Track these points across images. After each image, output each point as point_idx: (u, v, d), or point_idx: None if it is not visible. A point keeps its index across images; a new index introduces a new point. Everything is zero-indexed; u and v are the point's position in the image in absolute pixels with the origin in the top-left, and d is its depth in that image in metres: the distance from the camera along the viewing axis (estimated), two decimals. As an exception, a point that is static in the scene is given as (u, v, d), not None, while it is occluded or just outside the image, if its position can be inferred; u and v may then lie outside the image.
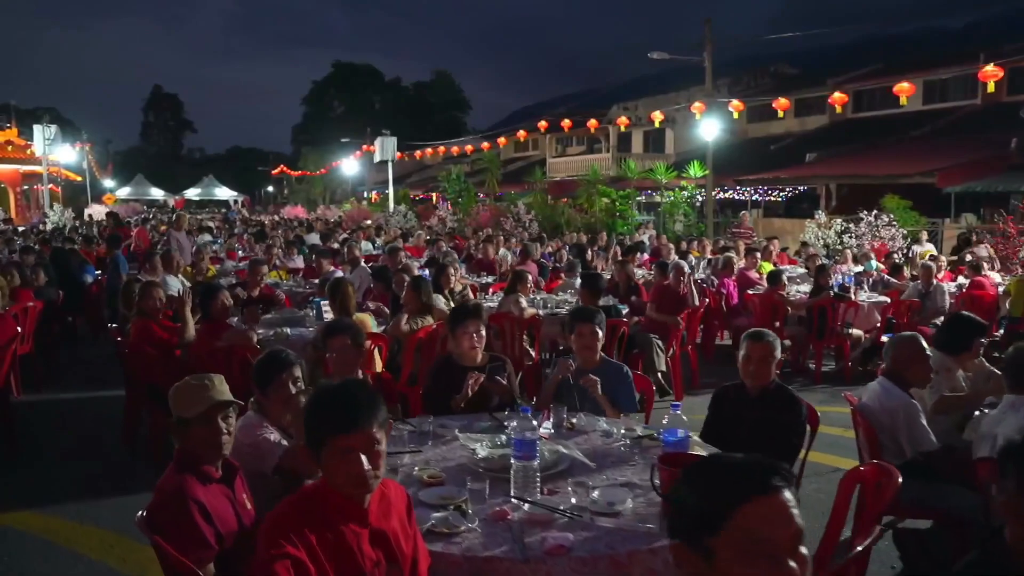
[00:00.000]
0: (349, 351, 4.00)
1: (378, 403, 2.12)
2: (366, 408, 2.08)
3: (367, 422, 2.06)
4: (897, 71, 29.29)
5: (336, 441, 2.03)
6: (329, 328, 4.13)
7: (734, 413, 3.84)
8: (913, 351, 3.97)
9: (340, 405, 2.07)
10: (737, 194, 26.44)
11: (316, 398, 2.16)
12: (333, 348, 3.98)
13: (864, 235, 14.04)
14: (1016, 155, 18.56)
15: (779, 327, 9.06)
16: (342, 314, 5.94)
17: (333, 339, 3.99)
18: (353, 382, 2.20)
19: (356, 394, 2.11)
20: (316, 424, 2.10)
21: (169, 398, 2.67)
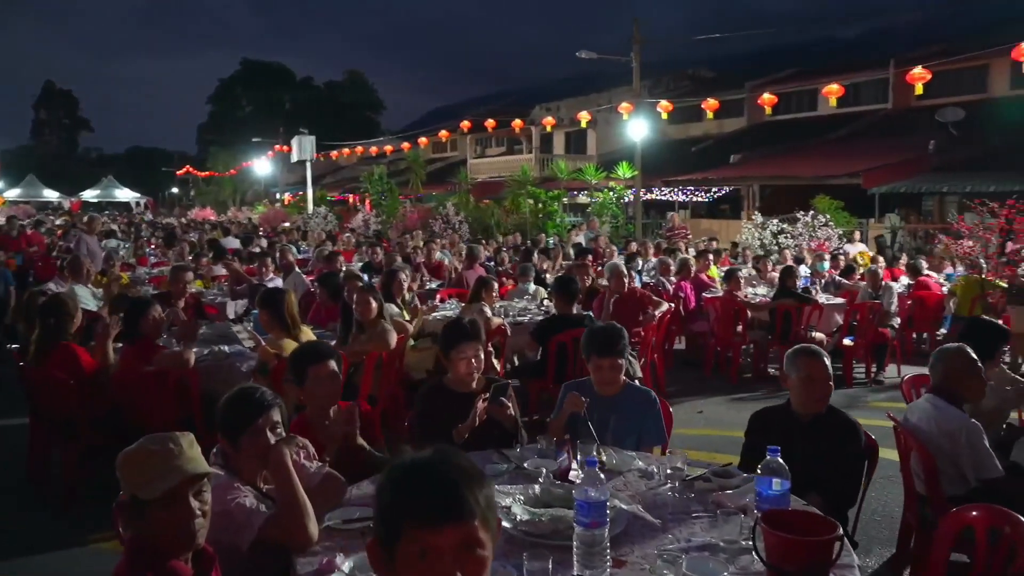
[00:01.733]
0: (335, 381, 3.32)
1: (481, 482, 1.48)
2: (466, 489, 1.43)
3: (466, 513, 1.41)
4: (812, 75, 30.06)
5: (419, 534, 1.39)
6: (310, 353, 3.40)
7: (781, 442, 3.30)
8: (966, 364, 3.56)
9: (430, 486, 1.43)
10: (662, 195, 26.46)
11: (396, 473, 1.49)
12: (317, 378, 3.28)
13: (801, 235, 14.01)
14: (935, 157, 19.07)
15: (742, 331, 8.75)
16: (284, 328, 5.18)
17: (317, 366, 3.29)
18: (448, 452, 1.52)
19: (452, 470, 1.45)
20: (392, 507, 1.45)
21: (118, 469, 1.94)
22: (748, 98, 30.31)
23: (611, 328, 3.72)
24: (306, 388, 3.30)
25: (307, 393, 3.31)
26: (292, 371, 3.38)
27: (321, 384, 3.28)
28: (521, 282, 8.92)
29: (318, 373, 3.28)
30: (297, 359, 3.40)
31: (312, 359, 3.33)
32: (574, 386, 3.77)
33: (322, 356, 3.34)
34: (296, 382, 3.33)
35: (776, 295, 8.61)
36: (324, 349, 3.45)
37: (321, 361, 3.31)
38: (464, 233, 18.15)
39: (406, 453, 1.48)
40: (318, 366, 3.29)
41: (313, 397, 3.30)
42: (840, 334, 8.72)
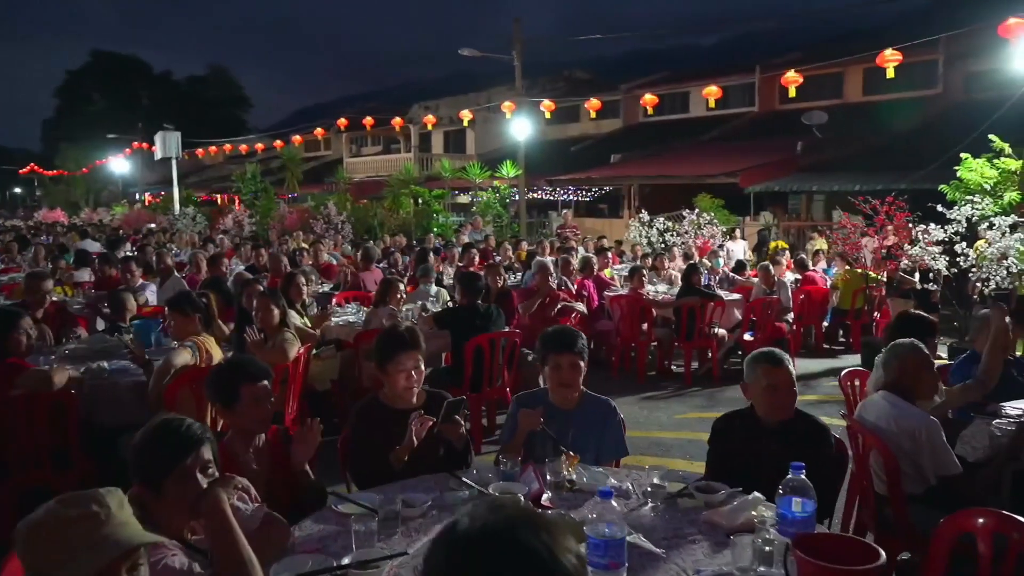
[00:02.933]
0: (269, 400, 2.86)
1: None
2: None
3: None
4: (683, 79, 31.11)
5: None
6: (244, 370, 2.91)
7: (747, 448, 3.13)
8: (922, 360, 3.49)
9: None
10: (545, 194, 26.56)
11: None
12: (252, 399, 2.80)
13: (688, 233, 14.28)
14: (802, 157, 20.02)
15: (647, 330, 8.70)
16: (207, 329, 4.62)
17: (253, 386, 2.81)
18: None
19: None
20: None
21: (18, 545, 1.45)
22: (624, 99, 31.06)
23: (567, 328, 3.45)
24: (236, 410, 2.82)
25: (237, 416, 2.84)
26: (218, 390, 2.89)
27: (257, 406, 2.82)
28: (422, 283, 8.51)
29: (254, 393, 2.82)
30: (226, 376, 2.91)
31: (246, 376, 2.85)
32: (524, 399, 3.45)
33: (258, 374, 2.87)
34: (222, 403, 2.85)
35: (681, 292, 8.61)
36: (259, 366, 2.98)
37: (257, 380, 2.85)
38: (348, 234, 17.44)
39: (464, 520, 1.11)
40: (254, 385, 2.83)
41: (244, 421, 2.84)
42: (741, 330, 8.83)
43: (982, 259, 8.46)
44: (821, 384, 8.54)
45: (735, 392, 8.21)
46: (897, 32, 28.66)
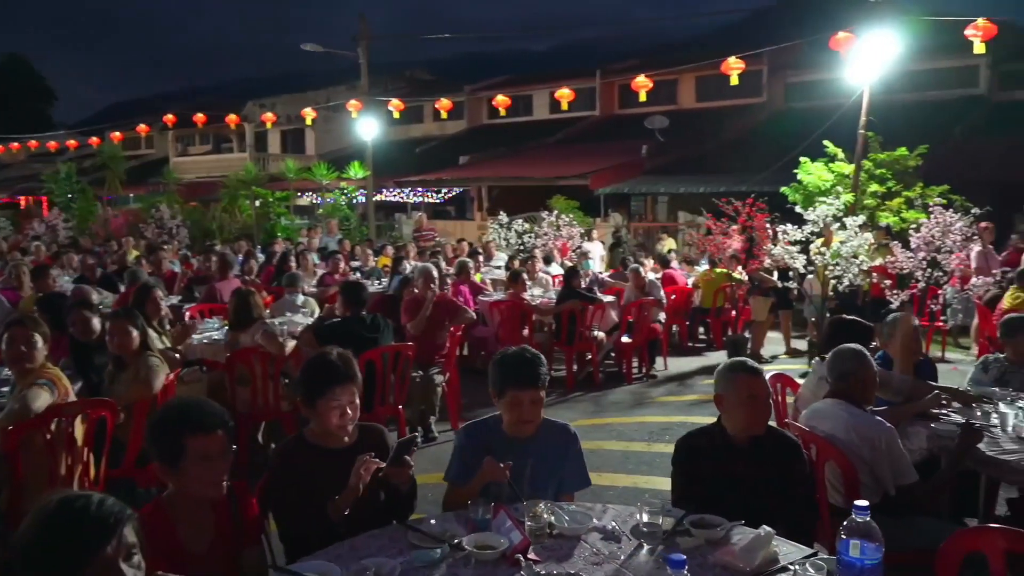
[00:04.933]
0: (227, 458, 2.29)
1: None
2: None
3: None
4: (525, 82, 31.45)
5: None
6: (190, 417, 2.30)
7: (719, 470, 2.91)
8: (869, 366, 3.42)
9: None
10: (391, 196, 25.89)
11: None
12: (202, 456, 2.22)
13: (548, 235, 14.25)
14: (647, 160, 20.69)
15: (528, 334, 8.47)
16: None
17: (205, 438, 2.23)
18: None
19: None
20: None
21: None
22: (468, 101, 30.95)
23: (527, 352, 3.03)
24: (182, 470, 2.23)
25: (182, 478, 2.24)
26: (161, 445, 2.27)
27: (206, 466, 2.24)
28: (288, 293, 7.83)
29: (206, 449, 2.24)
30: (168, 426, 2.29)
31: (193, 426, 2.26)
32: (475, 430, 3.04)
33: (208, 422, 2.28)
34: (163, 461, 2.25)
35: (561, 296, 8.45)
36: (210, 412, 2.35)
37: (209, 431, 2.26)
38: (184, 239, 16.07)
39: None
40: (206, 437, 2.25)
41: (190, 484, 2.25)
42: (619, 332, 8.80)
43: (835, 256, 8.90)
44: (696, 383, 8.66)
45: (618, 396, 8.26)
46: (722, 43, 30.49)
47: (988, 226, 10.33)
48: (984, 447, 3.34)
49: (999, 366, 4.65)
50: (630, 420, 7.13)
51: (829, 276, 8.93)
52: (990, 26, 10.32)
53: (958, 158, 15.63)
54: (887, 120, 11.59)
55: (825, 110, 16.61)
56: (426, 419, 6.41)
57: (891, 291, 8.74)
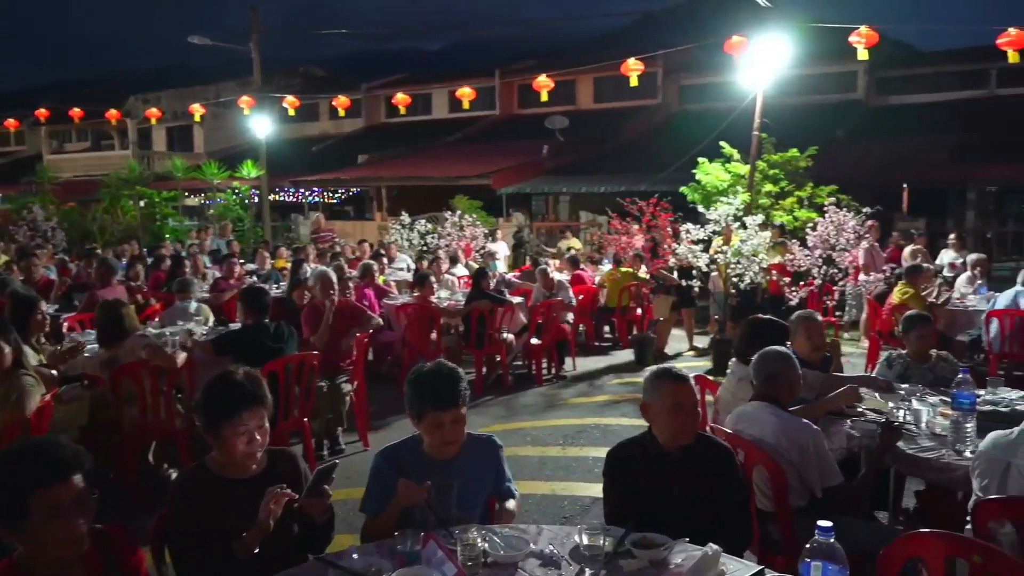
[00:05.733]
0: (84, 510, 1.96)
1: None
2: None
3: None
4: (423, 81, 31.11)
5: None
6: (33, 465, 1.94)
7: (653, 482, 2.80)
8: (793, 368, 3.40)
9: None
10: (286, 196, 25.04)
11: None
12: (52, 509, 1.88)
13: (451, 235, 14.04)
14: (549, 160, 20.78)
15: (436, 339, 8.26)
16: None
17: (54, 490, 1.89)
18: None
19: None
20: None
21: None
22: (365, 99, 30.31)
23: (443, 368, 2.81)
24: (29, 529, 1.89)
25: (31, 539, 1.91)
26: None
27: (62, 522, 1.91)
28: (180, 300, 7.33)
29: (56, 501, 1.91)
30: (5, 479, 1.93)
31: (38, 476, 1.92)
32: (393, 453, 2.81)
33: (60, 470, 1.94)
34: (6, 523, 1.90)
35: (470, 297, 8.27)
36: (62, 456, 1.98)
37: (59, 479, 1.93)
38: (60, 242, 14.97)
39: None
40: (55, 488, 1.91)
41: (43, 544, 1.92)
42: (528, 333, 8.70)
43: (736, 255, 9.10)
44: (606, 384, 8.66)
45: (529, 398, 8.15)
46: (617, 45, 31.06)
47: (874, 224, 10.81)
48: (903, 445, 3.37)
49: (902, 362, 4.78)
50: (543, 424, 7.03)
51: (731, 274, 9.13)
52: (872, 33, 10.78)
53: (841, 159, 16.37)
54: (777, 122, 11.98)
55: (719, 112, 17.10)
56: (333, 431, 6.11)
57: (789, 288, 9.01)
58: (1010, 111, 18.64)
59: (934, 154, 16.81)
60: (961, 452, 3.27)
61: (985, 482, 2.74)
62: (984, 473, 2.76)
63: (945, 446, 3.34)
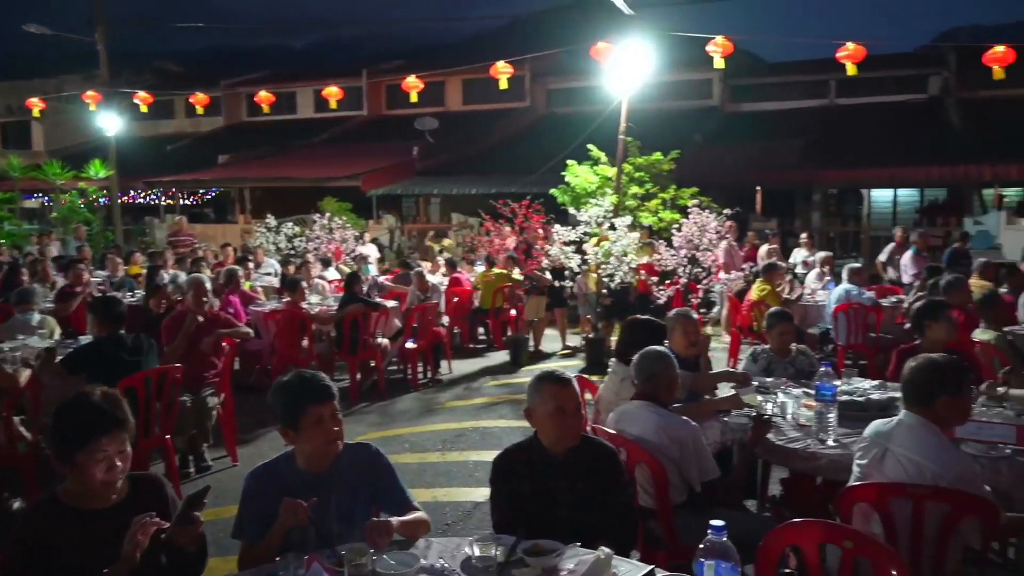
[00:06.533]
0: None
1: None
2: None
3: None
4: (286, 79, 30.11)
5: None
6: None
7: (539, 487, 2.79)
8: (673, 367, 3.49)
9: None
10: (139, 198, 23.60)
11: None
12: None
13: (320, 238, 13.65)
14: (419, 161, 20.60)
15: (308, 346, 7.98)
16: None
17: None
18: None
19: None
20: None
21: None
22: (225, 96, 29.02)
23: (305, 372, 2.71)
24: None
25: None
26: None
27: None
28: (20, 312, 6.71)
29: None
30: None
31: None
32: (264, 475, 2.64)
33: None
34: None
35: (343, 302, 8.04)
36: None
37: None
38: None
39: None
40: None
41: None
42: (403, 337, 8.57)
43: (607, 255, 9.32)
44: (483, 386, 8.65)
45: (406, 404, 8.02)
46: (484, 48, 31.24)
47: (732, 224, 11.38)
48: (772, 436, 3.53)
49: (766, 357, 5.03)
50: (421, 429, 6.93)
51: (602, 274, 9.34)
52: (728, 44, 11.34)
53: (700, 163, 17.15)
54: (640, 127, 12.40)
55: (586, 115, 17.54)
56: (198, 447, 5.77)
57: (656, 287, 9.32)
58: (848, 119, 20.16)
59: (783, 158, 17.92)
60: (824, 441, 3.46)
61: (865, 465, 2.90)
62: (864, 458, 2.92)
63: (810, 436, 3.52)
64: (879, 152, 16.94)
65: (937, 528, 2.64)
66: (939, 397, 2.76)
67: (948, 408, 2.77)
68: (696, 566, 1.87)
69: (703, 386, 4.52)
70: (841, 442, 3.45)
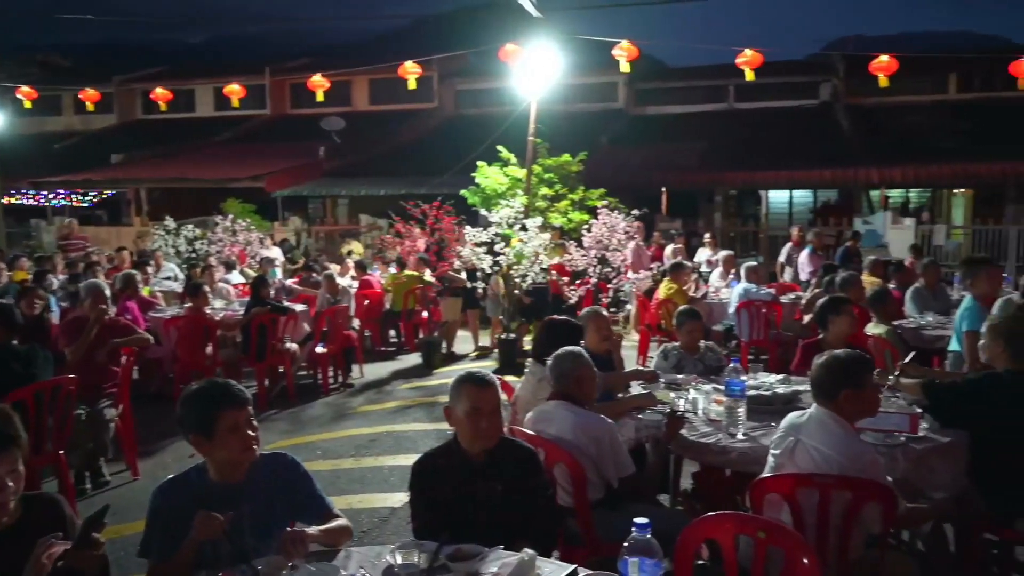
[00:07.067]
0: None
1: None
2: None
3: None
4: (185, 76, 29.00)
5: None
6: None
7: (459, 490, 2.76)
8: (588, 366, 3.52)
9: None
10: (26, 199, 22.26)
11: None
12: None
13: (223, 241, 13.19)
14: (326, 162, 20.20)
15: (212, 353, 7.69)
16: None
17: None
18: None
19: None
20: None
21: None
22: (117, 93, 27.72)
23: (217, 380, 2.59)
24: None
25: None
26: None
27: None
28: None
29: None
30: None
31: None
32: (173, 489, 2.50)
33: None
34: None
35: (249, 306, 7.79)
36: None
37: None
38: None
39: None
40: None
41: None
42: (313, 342, 8.38)
43: (519, 256, 9.36)
44: (396, 389, 8.54)
45: (317, 410, 7.84)
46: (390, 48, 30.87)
47: (640, 225, 11.63)
48: (685, 432, 3.61)
49: (676, 354, 5.15)
50: (334, 435, 6.79)
51: (515, 275, 9.37)
52: (632, 48, 11.58)
53: (606, 164, 17.46)
54: (548, 128, 12.51)
55: (495, 116, 17.58)
56: (95, 462, 5.47)
57: (568, 287, 9.43)
58: (746, 123, 20.94)
59: (685, 160, 18.45)
60: (734, 435, 3.56)
61: (778, 455, 3.00)
62: (778, 448, 3.03)
63: (721, 431, 3.62)
64: (775, 155, 17.67)
65: (841, 515, 2.76)
66: (843, 391, 2.88)
67: (853, 401, 2.90)
68: (621, 564, 1.89)
69: (616, 385, 4.60)
70: (750, 435, 3.56)
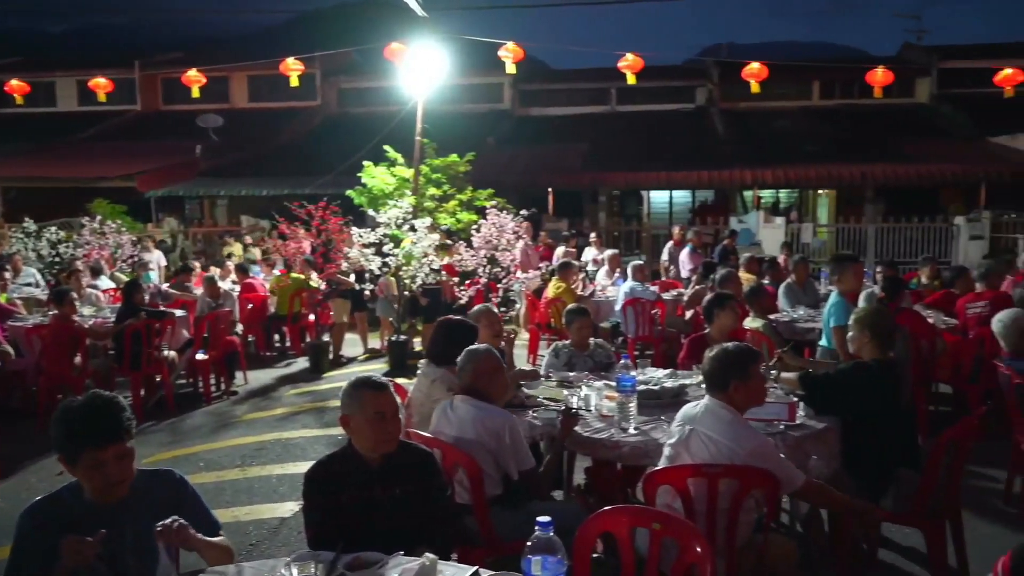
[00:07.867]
0: None
1: None
2: None
3: None
4: (47, 67, 27.10)
5: None
6: None
7: (356, 497, 2.70)
8: (495, 363, 3.52)
9: None
10: None
11: None
12: None
13: (91, 244, 12.41)
14: (203, 161, 19.36)
15: (82, 363, 7.23)
16: None
17: None
18: None
19: None
20: None
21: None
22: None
23: (98, 400, 2.36)
24: None
25: None
26: None
27: None
28: None
29: None
30: None
31: None
32: (42, 510, 2.31)
33: None
34: None
35: (122, 314, 7.36)
36: None
37: None
38: None
39: None
40: None
41: None
42: (193, 348, 8.02)
43: (409, 258, 9.27)
44: (282, 396, 8.29)
45: (198, 419, 7.51)
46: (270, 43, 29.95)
47: (528, 225, 11.76)
48: (579, 429, 3.68)
49: (567, 352, 5.24)
50: (217, 445, 6.51)
51: (404, 276, 9.28)
52: (518, 50, 11.68)
53: (493, 165, 17.57)
54: (435, 128, 12.46)
55: (381, 116, 17.36)
56: (-51, 485, 5.03)
57: (458, 287, 9.41)
58: (627, 125, 21.56)
59: (570, 161, 18.81)
60: (626, 430, 3.65)
61: (674, 444, 3.10)
62: (674, 438, 3.12)
63: (613, 426, 3.70)
64: (655, 156, 18.28)
65: (729, 501, 2.88)
66: (731, 381, 3.03)
67: (741, 391, 3.04)
68: (524, 563, 1.89)
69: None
70: (641, 430, 3.66)
